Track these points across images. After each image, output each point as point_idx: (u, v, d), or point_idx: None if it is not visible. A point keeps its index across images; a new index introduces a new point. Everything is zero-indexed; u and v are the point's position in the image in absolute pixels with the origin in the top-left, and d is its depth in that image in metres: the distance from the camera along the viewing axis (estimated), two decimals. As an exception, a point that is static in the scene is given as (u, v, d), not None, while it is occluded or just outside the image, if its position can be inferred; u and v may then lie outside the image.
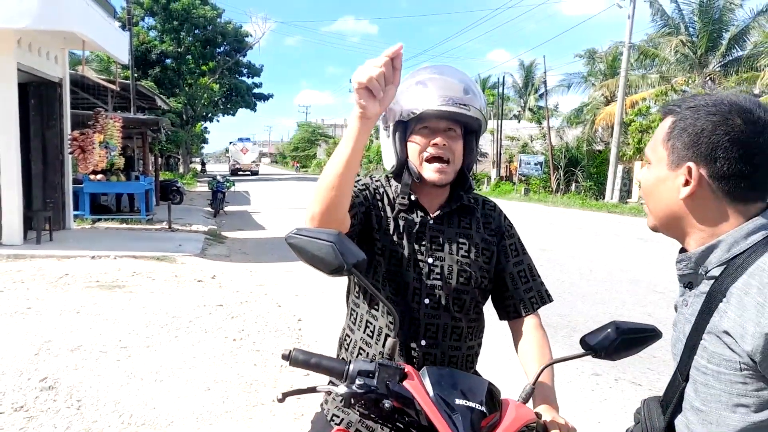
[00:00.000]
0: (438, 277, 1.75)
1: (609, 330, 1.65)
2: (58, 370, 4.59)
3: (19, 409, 3.92)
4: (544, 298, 1.87)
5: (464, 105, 1.71)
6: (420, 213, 1.80)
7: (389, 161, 1.82)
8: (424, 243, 1.77)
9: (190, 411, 4.01)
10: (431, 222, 1.79)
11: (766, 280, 1.11)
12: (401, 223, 1.78)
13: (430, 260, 1.77)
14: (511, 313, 1.85)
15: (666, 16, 28.15)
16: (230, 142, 60.45)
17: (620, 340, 1.62)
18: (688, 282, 1.29)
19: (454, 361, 1.79)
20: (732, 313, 1.14)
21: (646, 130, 23.59)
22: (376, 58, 1.35)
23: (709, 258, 1.23)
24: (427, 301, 1.75)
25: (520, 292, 1.84)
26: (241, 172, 53.04)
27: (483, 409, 1.39)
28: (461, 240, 1.80)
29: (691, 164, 1.18)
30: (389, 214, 1.80)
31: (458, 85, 1.73)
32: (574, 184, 28.67)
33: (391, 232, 1.77)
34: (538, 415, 1.50)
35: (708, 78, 26.73)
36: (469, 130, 1.82)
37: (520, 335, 1.82)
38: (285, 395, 1.46)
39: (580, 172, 28.71)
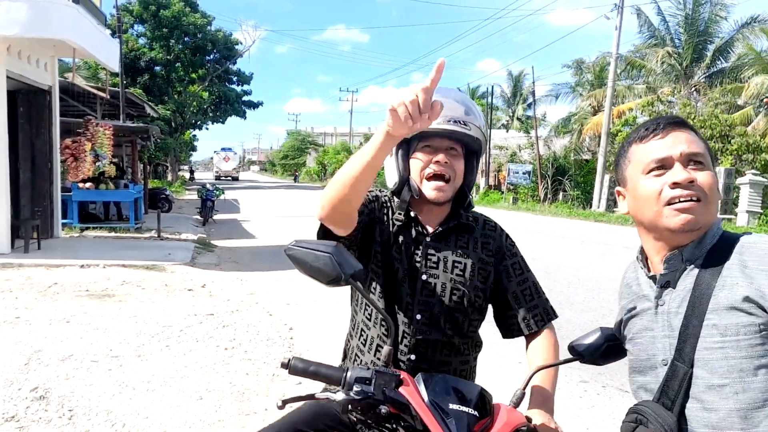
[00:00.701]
0: (431, 294, 1.79)
1: (596, 336, 1.73)
2: (49, 380, 4.57)
3: (11, 419, 3.90)
4: (550, 314, 1.90)
5: (465, 124, 1.77)
6: (418, 229, 1.85)
7: (392, 178, 1.87)
8: (418, 260, 1.81)
9: (183, 420, 4.01)
10: (428, 239, 1.84)
11: (759, 252, 1.30)
12: (400, 238, 1.83)
13: (424, 277, 1.81)
14: (515, 332, 1.89)
15: (653, 28, 28.56)
16: (215, 151, 67.54)
17: (606, 346, 1.69)
18: (666, 282, 1.38)
19: (458, 373, 1.83)
20: (743, 282, 1.28)
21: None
22: (417, 85, 1.33)
23: (693, 252, 1.38)
24: (419, 317, 1.78)
25: (524, 310, 1.87)
26: (223, 177, 60.36)
27: (475, 413, 1.45)
28: (457, 259, 1.84)
29: None
30: (391, 228, 1.84)
31: (459, 106, 1.79)
32: (561, 193, 28.86)
33: (389, 246, 1.82)
34: (529, 419, 1.55)
35: (693, 89, 27.08)
36: (470, 150, 1.87)
37: (531, 349, 1.87)
38: (285, 402, 1.50)
39: (567, 181, 28.93)
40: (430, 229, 1.86)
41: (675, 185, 1.35)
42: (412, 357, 1.78)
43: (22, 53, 10.51)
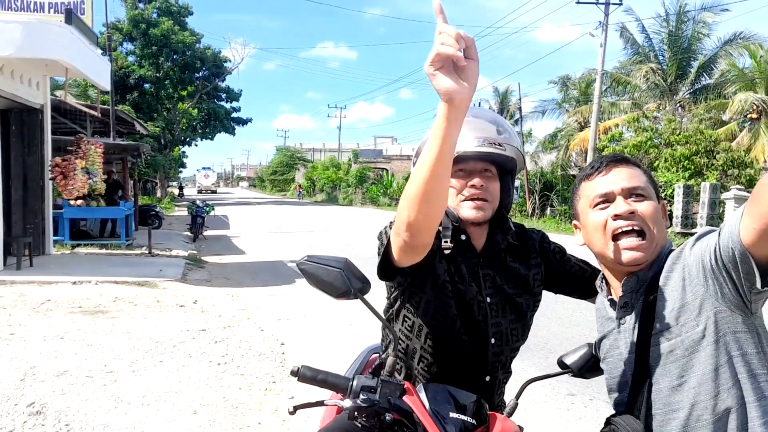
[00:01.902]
0: (497, 314, 1.78)
1: (583, 351, 1.85)
2: (45, 395, 4.64)
3: (9, 434, 3.97)
4: None
5: (500, 145, 1.72)
6: (468, 253, 1.80)
7: None
8: (478, 283, 1.78)
9: (179, 434, 4.09)
10: (481, 260, 1.81)
11: (673, 256, 1.49)
12: (455, 265, 1.78)
13: (489, 299, 1.77)
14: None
15: (637, 45, 28.94)
16: (197, 170, 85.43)
17: (594, 360, 1.81)
18: (624, 302, 1.54)
19: (502, 389, 1.89)
20: (674, 285, 1.45)
21: (619, 156, 24.03)
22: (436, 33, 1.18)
23: (646, 273, 1.53)
24: (493, 341, 1.77)
25: (592, 270, 1.90)
26: (204, 191, 73.99)
27: (473, 421, 1.56)
28: (512, 274, 1.83)
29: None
30: (443, 255, 1.78)
31: (491, 126, 1.74)
32: (549, 208, 29.06)
33: (451, 274, 1.77)
34: (521, 428, 1.66)
35: (678, 105, 27.46)
36: (505, 170, 1.82)
37: None
38: (296, 408, 1.60)
39: (555, 196, 29.13)
40: (479, 250, 1.82)
41: (617, 217, 1.49)
42: (488, 378, 1.80)
43: (15, 72, 10.60)
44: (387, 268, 1.68)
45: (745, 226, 1.26)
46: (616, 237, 1.51)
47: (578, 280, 1.93)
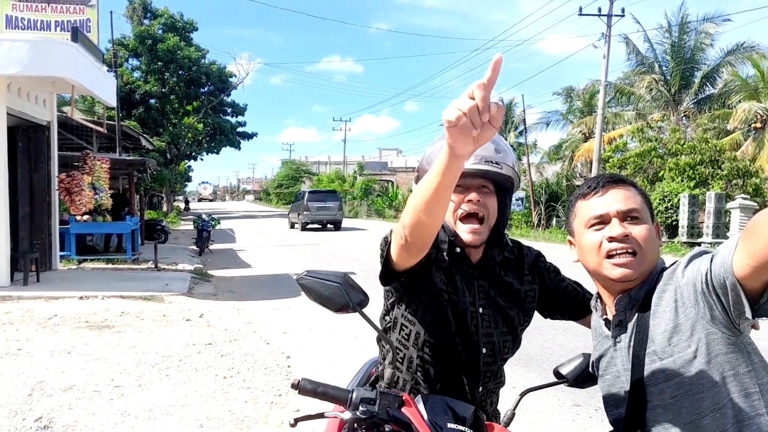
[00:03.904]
0: (488, 325, 1.81)
1: (579, 361, 1.87)
2: (52, 410, 4.67)
3: (17, 449, 4.00)
4: None
5: (496, 163, 1.76)
6: (464, 265, 1.84)
7: None
8: (472, 294, 1.82)
9: (185, 447, 4.11)
10: (476, 272, 1.84)
11: (665, 276, 1.50)
12: (450, 276, 1.82)
13: (481, 310, 1.81)
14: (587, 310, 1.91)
15: (641, 56, 28.99)
16: (198, 184, 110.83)
17: (589, 371, 1.83)
18: (618, 321, 1.56)
19: (494, 399, 1.91)
20: (667, 306, 1.47)
21: (623, 166, 24.10)
22: (471, 86, 1.17)
23: (638, 292, 1.55)
24: (484, 351, 1.80)
25: (583, 289, 1.96)
26: (202, 200, 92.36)
27: None
28: (505, 287, 1.86)
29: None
30: (440, 266, 1.82)
31: (489, 144, 1.77)
32: (555, 219, 29.04)
33: (445, 283, 1.81)
34: None
35: (683, 115, 27.47)
36: (502, 187, 1.86)
37: None
38: (297, 420, 1.63)
39: (560, 206, 29.12)
40: (474, 262, 1.85)
41: (611, 239, 1.52)
42: (480, 389, 1.82)
43: (22, 90, 10.72)
44: (388, 272, 1.75)
45: (739, 259, 1.27)
46: (609, 256, 1.54)
47: (571, 301, 1.97)
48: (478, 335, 1.79)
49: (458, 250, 1.83)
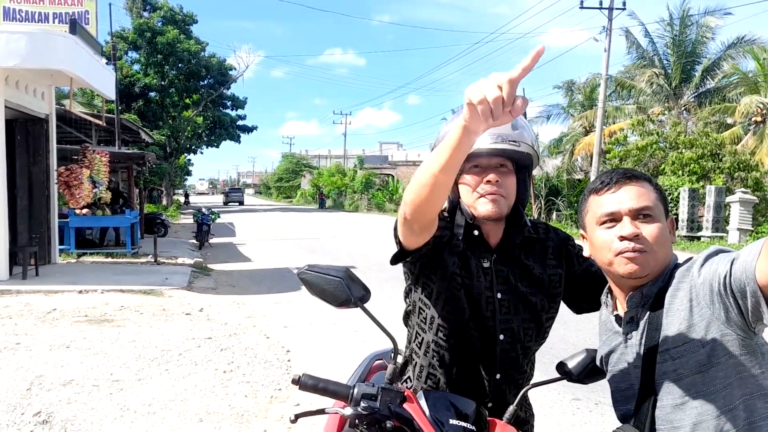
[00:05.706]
0: (507, 311, 1.77)
1: (582, 357, 1.84)
2: (51, 405, 4.65)
3: (15, 443, 3.98)
4: None
5: (514, 141, 1.71)
6: (482, 249, 1.80)
7: None
8: (490, 278, 1.78)
9: (184, 442, 4.09)
10: (495, 256, 1.80)
11: (679, 274, 1.47)
12: (467, 260, 1.79)
13: (500, 295, 1.77)
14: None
15: (641, 49, 28.90)
16: (198, 180, 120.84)
17: (592, 366, 1.80)
18: (630, 317, 1.53)
19: (516, 390, 1.84)
20: (682, 305, 1.44)
21: (624, 159, 24.07)
22: (501, 74, 1.18)
23: (650, 289, 1.52)
24: (502, 337, 1.77)
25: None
26: (199, 193, 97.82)
27: (473, 428, 1.56)
28: (526, 271, 1.82)
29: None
30: (457, 250, 1.79)
31: None
32: (555, 213, 29.03)
33: (460, 267, 1.78)
34: None
35: (683, 109, 27.41)
36: (520, 165, 1.81)
37: None
38: (297, 416, 1.60)
39: (560, 200, 29.10)
40: (493, 246, 1.81)
41: (622, 238, 1.48)
42: (498, 376, 1.79)
43: (20, 83, 10.67)
44: (398, 252, 1.75)
45: (762, 267, 1.24)
46: (619, 253, 1.50)
47: (602, 288, 1.88)
48: (495, 321, 1.76)
49: (476, 233, 1.79)
